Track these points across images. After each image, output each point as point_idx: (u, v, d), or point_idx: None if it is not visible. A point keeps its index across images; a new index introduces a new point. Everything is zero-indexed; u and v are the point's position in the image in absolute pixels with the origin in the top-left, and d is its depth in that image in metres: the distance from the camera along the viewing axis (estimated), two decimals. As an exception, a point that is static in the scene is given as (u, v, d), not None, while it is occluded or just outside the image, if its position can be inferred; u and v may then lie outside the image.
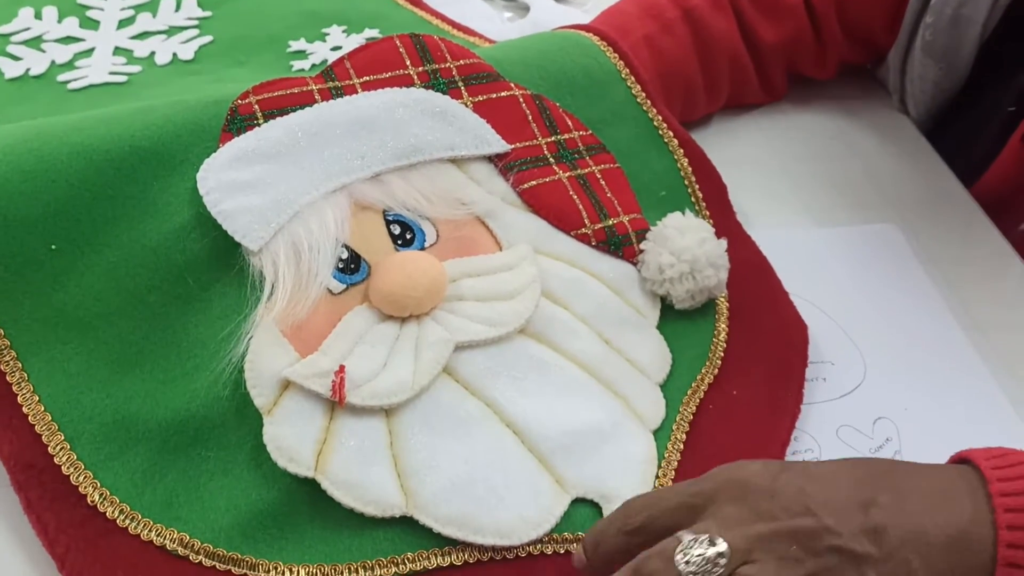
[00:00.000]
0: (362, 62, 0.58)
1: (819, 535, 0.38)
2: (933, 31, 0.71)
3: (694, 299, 0.58)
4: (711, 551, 0.37)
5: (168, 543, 0.44)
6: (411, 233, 0.54)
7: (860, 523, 0.38)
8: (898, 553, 0.38)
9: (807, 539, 0.38)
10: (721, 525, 0.39)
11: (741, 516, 0.39)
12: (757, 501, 0.39)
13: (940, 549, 0.38)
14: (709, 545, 0.38)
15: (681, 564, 0.37)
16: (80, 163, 0.50)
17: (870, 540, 0.38)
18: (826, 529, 0.38)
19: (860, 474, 0.41)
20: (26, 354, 0.48)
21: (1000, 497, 0.39)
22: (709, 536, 0.38)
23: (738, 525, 0.39)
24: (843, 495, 0.39)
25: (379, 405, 0.47)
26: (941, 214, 0.70)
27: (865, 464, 0.42)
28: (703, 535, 0.38)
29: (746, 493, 0.40)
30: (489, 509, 0.46)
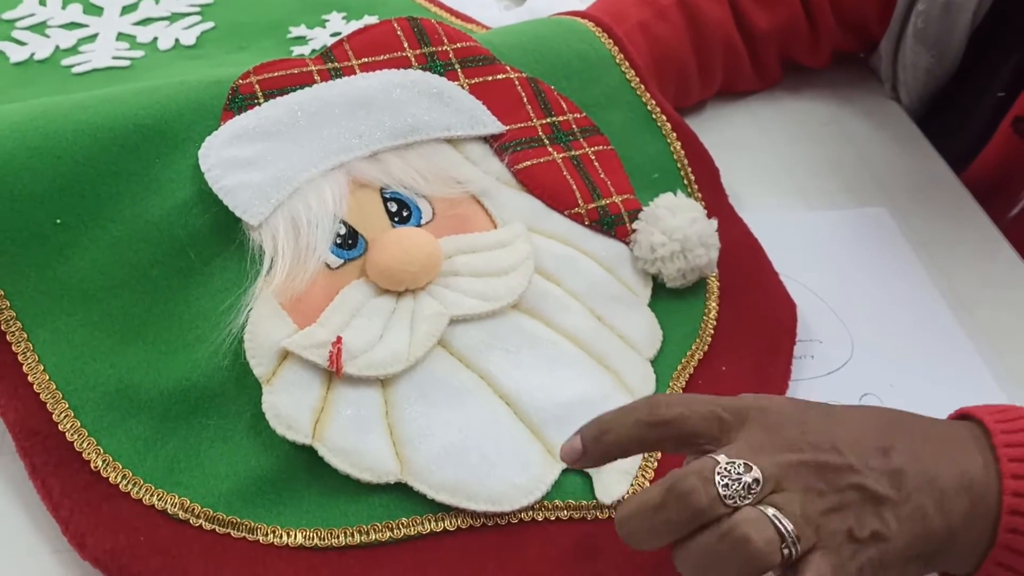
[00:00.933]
0: (360, 44, 0.59)
1: (843, 472, 0.39)
2: (925, 18, 0.72)
3: (685, 278, 0.59)
4: (747, 477, 0.38)
5: (169, 507, 0.46)
6: (408, 210, 0.55)
7: (881, 465, 0.39)
8: (914, 496, 0.39)
9: (832, 474, 0.39)
10: (754, 450, 0.39)
11: (772, 443, 0.39)
12: (787, 431, 0.40)
13: (951, 494, 0.39)
14: (745, 471, 0.38)
15: (720, 486, 0.37)
16: (85, 140, 0.52)
17: (890, 482, 0.39)
18: (850, 467, 0.39)
19: (880, 420, 0.42)
20: (32, 325, 0.49)
21: (1004, 448, 0.40)
22: (745, 461, 0.38)
23: (769, 452, 0.39)
24: (865, 436, 0.40)
25: (375, 375, 0.49)
26: (930, 199, 0.71)
27: (883, 412, 0.43)
28: (739, 460, 0.38)
29: (777, 422, 0.40)
30: (481, 476, 0.47)
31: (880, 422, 0.42)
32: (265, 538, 0.45)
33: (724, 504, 0.37)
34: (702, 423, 0.41)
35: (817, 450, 0.39)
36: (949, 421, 0.43)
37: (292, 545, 0.45)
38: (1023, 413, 0.42)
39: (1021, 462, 0.39)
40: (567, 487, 0.49)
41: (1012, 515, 0.39)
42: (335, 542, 0.46)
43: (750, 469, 0.38)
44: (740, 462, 0.38)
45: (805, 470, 0.39)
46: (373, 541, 0.46)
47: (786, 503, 0.38)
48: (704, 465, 0.38)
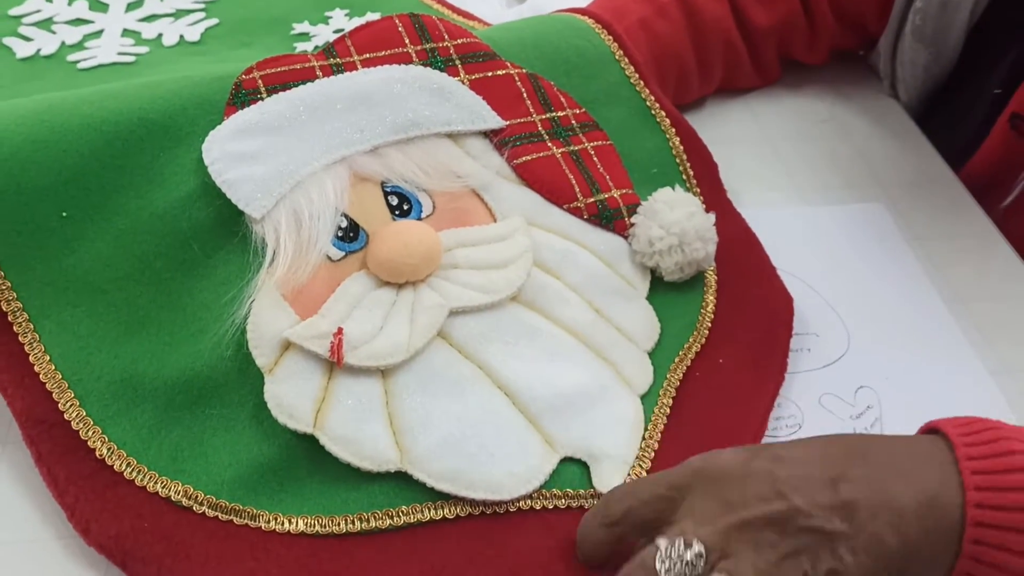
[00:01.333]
0: (362, 40, 0.60)
1: (791, 517, 0.39)
2: (923, 16, 0.73)
3: (683, 271, 0.59)
4: (689, 554, 0.39)
5: (173, 494, 0.46)
6: (408, 204, 0.56)
7: (829, 500, 0.40)
8: (869, 526, 0.39)
9: (780, 523, 0.39)
10: (696, 522, 0.40)
11: (714, 509, 0.40)
12: (729, 491, 0.41)
13: (911, 516, 0.40)
14: (686, 548, 0.39)
15: (662, 572, 0.39)
16: (90, 134, 0.52)
17: (840, 517, 0.39)
18: (797, 510, 0.39)
19: (831, 451, 0.42)
20: (38, 316, 0.50)
21: (967, 461, 0.40)
22: (684, 538, 0.40)
23: (711, 520, 0.40)
24: (813, 474, 0.41)
25: (375, 366, 0.49)
26: (927, 194, 0.72)
27: (835, 442, 0.44)
28: (678, 538, 0.40)
29: (718, 483, 0.41)
30: (480, 465, 0.48)
31: (830, 452, 0.42)
32: (267, 525, 0.46)
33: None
34: (649, 510, 0.43)
35: (761, 502, 0.40)
36: (912, 437, 0.44)
37: (293, 532, 0.46)
38: (988, 425, 0.42)
39: (983, 474, 0.40)
40: (565, 476, 0.49)
41: (976, 527, 0.39)
42: (336, 529, 0.46)
43: (691, 545, 0.39)
44: (680, 541, 0.40)
45: (751, 527, 0.40)
46: (373, 528, 0.47)
47: (736, 567, 0.39)
48: (646, 555, 0.40)
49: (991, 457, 0.40)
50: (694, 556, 0.39)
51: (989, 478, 0.40)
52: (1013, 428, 0.42)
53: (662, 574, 0.39)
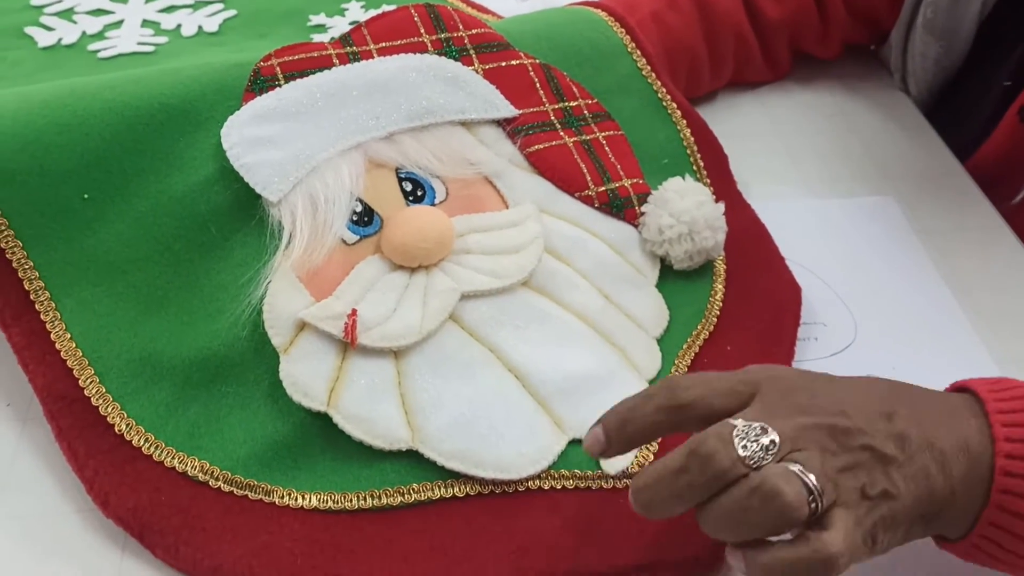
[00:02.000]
0: (378, 29, 0.61)
1: (853, 433, 0.40)
2: (934, 9, 0.73)
3: (692, 260, 0.60)
4: (765, 439, 0.39)
5: (189, 470, 0.47)
6: (422, 190, 0.57)
7: (886, 428, 0.41)
8: (918, 457, 0.40)
9: (843, 435, 0.40)
10: (769, 414, 0.40)
11: (785, 408, 0.41)
12: (798, 397, 0.41)
13: (951, 456, 0.41)
14: (762, 433, 0.39)
15: (739, 448, 0.39)
16: (112, 119, 0.54)
17: (896, 444, 0.40)
18: (859, 430, 0.40)
19: (881, 388, 0.43)
20: (60, 295, 0.51)
21: (997, 415, 0.42)
22: (761, 424, 0.40)
23: (783, 416, 0.40)
24: (870, 403, 0.42)
25: (388, 347, 0.50)
26: (936, 187, 0.72)
27: (883, 381, 0.44)
28: (755, 423, 0.40)
29: (789, 390, 0.42)
30: (490, 445, 0.49)
31: (881, 390, 0.43)
32: (281, 500, 0.47)
33: (745, 465, 0.39)
34: (722, 400, 0.42)
35: (826, 414, 0.41)
36: (945, 392, 0.45)
37: (307, 508, 0.47)
38: (1015, 383, 0.43)
39: (1013, 427, 0.41)
40: (573, 457, 0.50)
41: (1005, 476, 0.40)
42: (348, 505, 0.47)
43: (766, 431, 0.39)
44: (757, 425, 0.39)
45: (817, 432, 0.40)
46: (384, 505, 0.48)
47: (806, 460, 0.39)
48: (722, 429, 0.40)
49: (1020, 411, 0.41)
50: (769, 442, 0.39)
51: (1018, 430, 0.41)
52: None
53: (738, 448, 0.39)
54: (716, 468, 0.39)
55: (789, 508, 0.38)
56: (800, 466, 0.39)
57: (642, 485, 0.41)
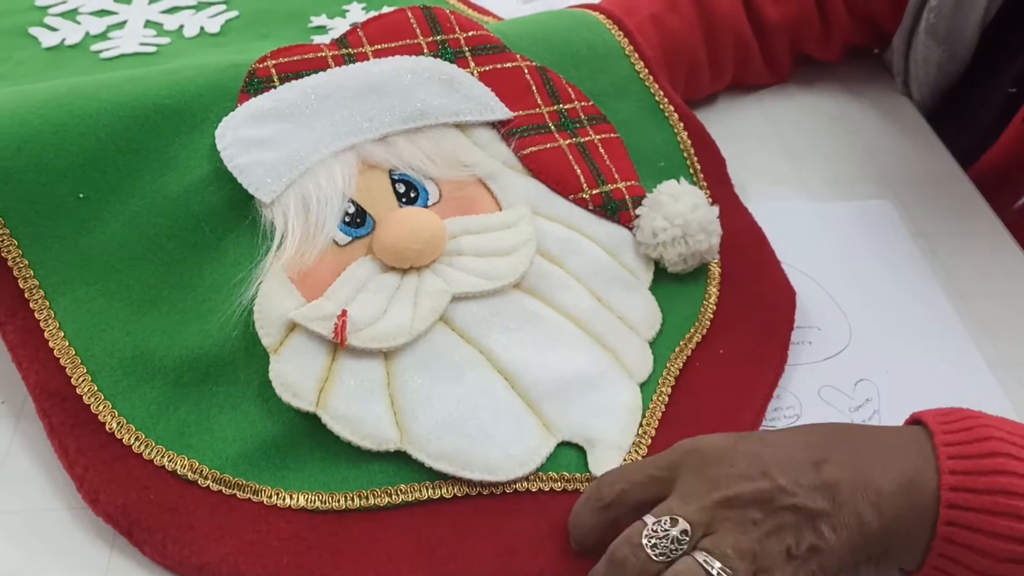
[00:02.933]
0: (374, 31, 0.61)
1: (775, 495, 0.41)
2: (937, 13, 0.73)
3: (686, 263, 0.60)
4: (674, 531, 0.40)
5: (179, 468, 0.48)
6: (415, 192, 0.57)
7: (812, 480, 0.41)
8: (850, 504, 0.41)
9: (764, 501, 0.41)
10: (683, 501, 0.41)
11: (701, 488, 0.42)
12: (716, 470, 0.42)
13: (889, 497, 0.41)
14: (671, 525, 0.41)
15: (648, 547, 0.40)
16: (108, 118, 0.54)
17: (823, 496, 0.41)
18: (781, 489, 0.41)
19: (814, 437, 0.44)
20: (54, 293, 0.51)
21: (944, 447, 0.42)
22: (670, 516, 0.41)
23: (698, 498, 0.41)
24: (797, 456, 0.42)
25: (378, 348, 0.50)
26: (936, 192, 0.72)
27: (820, 428, 0.45)
28: (664, 516, 0.41)
29: (706, 462, 0.43)
30: (478, 447, 0.49)
31: (813, 438, 0.43)
32: (269, 500, 0.47)
33: (656, 562, 0.40)
34: (642, 491, 0.44)
35: (747, 480, 0.41)
36: (894, 427, 0.45)
37: (294, 507, 0.47)
38: (968, 414, 0.43)
39: (958, 459, 0.41)
40: (562, 460, 0.50)
41: (950, 509, 0.40)
42: (336, 505, 0.47)
43: (676, 522, 0.41)
44: (666, 518, 0.41)
45: (736, 504, 0.41)
46: (372, 506, 0.48)
47: (716, 544, 0.40)
48: (633, 531, 0.41)
49: (968, 443, 0.41)
50: (679, 532, 0.40)
51: (964, 463, 0.41)
52: (995, 418, 0.43)
53: (647, 549, 0.40)
54: (629, 572, 0.40)
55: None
56: (706, 553, 0.39)
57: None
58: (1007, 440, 0.41)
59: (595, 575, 0.42)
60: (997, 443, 0.41)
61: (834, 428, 0.44)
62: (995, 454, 0.40)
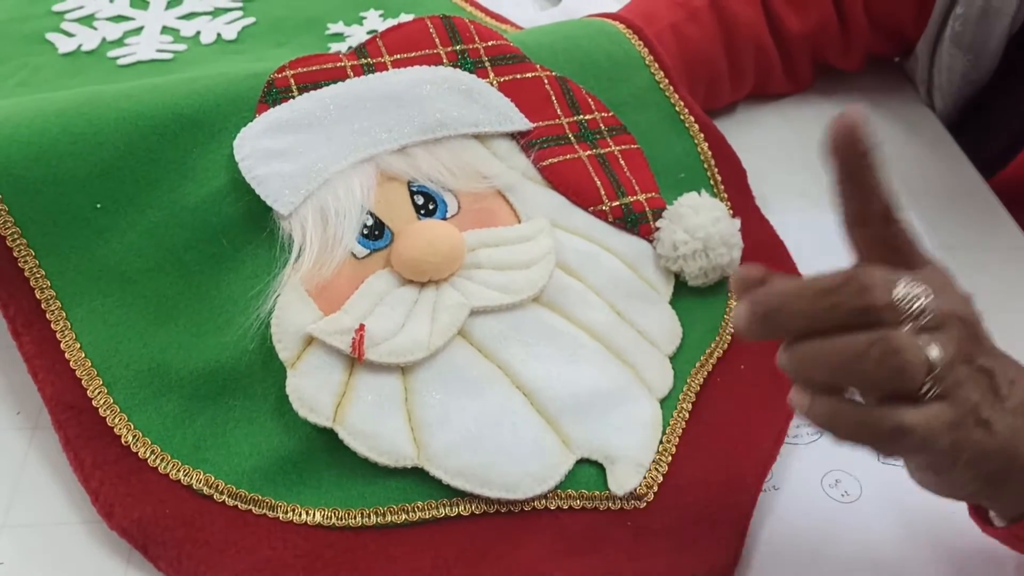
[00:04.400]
0: (393, 41, 0.60)
1: (988, 352, 0.39)
2: (963, 22, 0.72)
3: (707, 276, 0.59)
4: (923, 302, 0.37)
5: (195, 483, 0.47)
6: (434, 203, 0.56)
7: (1015, 373, 0.40)
8: (1019, 413, 0.39)
9: (980, 346, 0.39)
10: (935, 287, 0.38)
11: (949, 291, 0.39)
12: (959, 291, 0.41)
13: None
14: (924, 295, 0.37)
15: (897, 297, 0.37)
16: (126, 128, 0.54)
17: (1009, 388, 0.39)
18: (992, 352, 0.40)
19: None
20: (70, 304, 0.51)
21: None
22: (926, 287, 0.37)
23: (946, 296, 0.38)
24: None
25: (396, 363, 0.50)
26: (958, 204, 0.71)
27: None
28: (922, 283, 0.37)
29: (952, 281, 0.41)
30: (497, 464, 0.49)
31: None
32: (285, 515, 0.47)
33: (894, 313, 0.36)
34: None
35: (977, 320, 0.39)
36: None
37: (311, 523, 0.47)
38: None
39: None
40: (580, 477, 0.50)
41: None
42: (352, 522, 0.47)
43: (929, 296, 0.37)
44: (923, 286, 0.37)
45: (964, 328, 0.38)
46: (389, 523, 0.47)
47: (945, 343, 0.37)
48: (888, 274, 0.37)
49: None
50: (925, 306, 0.37)
51: None
52: None
53: (897, 296, 0.36)
54: (868, 301, 0.36)
55: (901, 374, 0.35)
56: (938, 347, 0.36)
57: (773, 292, 0.38)
58: None
59: (811, 285, 0.37)
60: None
61: None
62: None
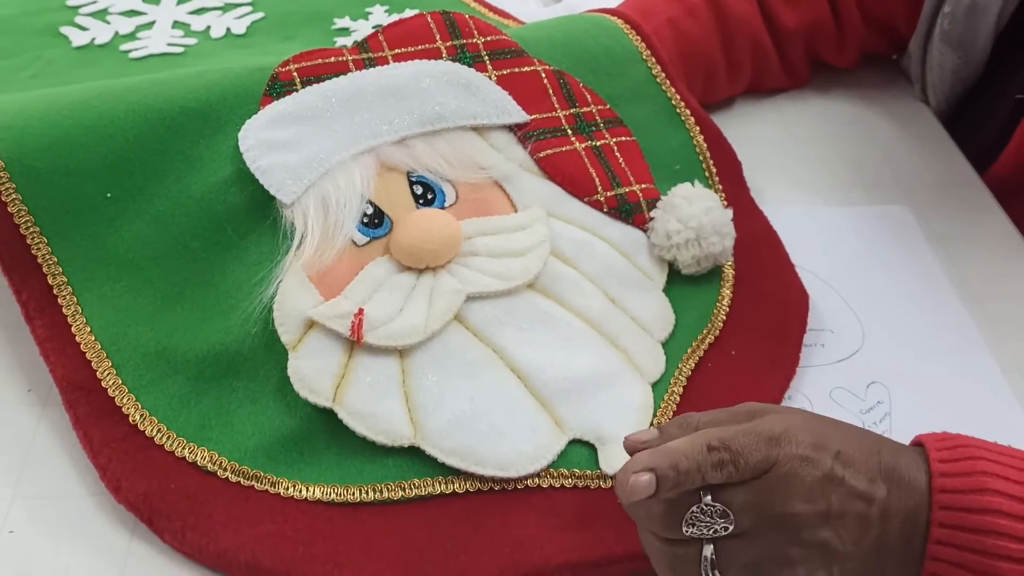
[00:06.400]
0: (395, 35, 0.62)
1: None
2: (951, 20, 0.73)
3: (700, 265, 0.61)
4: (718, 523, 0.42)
5: (199, 460, 0.49)
6: (432, 193, 0.58)
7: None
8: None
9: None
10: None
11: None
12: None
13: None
14: (720, 517, 0.41)
15: (685, 519, 0.41)
16: (135, 120, 0.56)
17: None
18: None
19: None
20: (81, 290, 0.53)
21: (939, 477, 0.42)
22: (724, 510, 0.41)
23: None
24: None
25: (393, 346, 0.52)
26: (951, 197, 0.72)
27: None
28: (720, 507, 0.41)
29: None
30: (490, 443, 0.50)
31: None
32: (286, 491, 0.49)
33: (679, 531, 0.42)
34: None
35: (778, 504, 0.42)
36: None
37: (310, 499, 0.49)
38: (963, 442, 0.43)
39: (950, 493, 0.41)
40: (572, 457, 0.51)
41: (937, 544, 0.41)
42: (350, 498, 0.49)
43: (726, 516, 0.41)
44: (720, 508, 0.41)
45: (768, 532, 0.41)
46: (385, 499, 0.49)
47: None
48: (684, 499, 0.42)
49: (960, 475, 0.41)
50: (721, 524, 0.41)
51: (954, 497, 0.41)
52: (991, 448, 0.43)
53: (684, 522, 0.41)
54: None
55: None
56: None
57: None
58: (999, 475, 0.41)
59: (621, 485, 0.42)
60: (989, 478, 0.41)
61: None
62: (985, 490, 0.41)
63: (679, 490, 0.41)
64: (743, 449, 0.41)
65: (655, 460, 0.41)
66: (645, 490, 0.41)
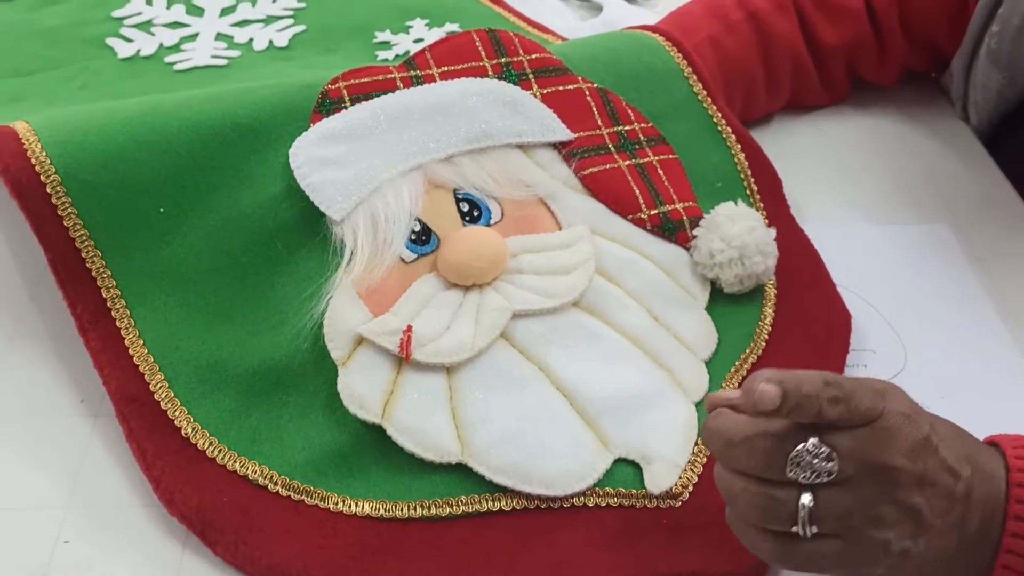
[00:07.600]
0: (441, 53, 0.63)
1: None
2: (999, 39, 0.73)
3: (742, 284, 0.61)
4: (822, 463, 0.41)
5: (250, 473, 0.50)
6: (478, 211, 0.59)
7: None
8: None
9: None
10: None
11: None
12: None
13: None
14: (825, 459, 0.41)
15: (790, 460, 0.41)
16: (188, 136, 0.57)
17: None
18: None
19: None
20: (134, 303, 0.54)
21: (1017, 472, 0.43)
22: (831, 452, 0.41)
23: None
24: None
25: (441, 363, 0.52)
26: (993, 217, 0.72)
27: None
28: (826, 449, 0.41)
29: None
30: (537, 461, 0.51)
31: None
32: (335, 506, 0.49)
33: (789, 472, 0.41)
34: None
35: (898, 467, 0.41)
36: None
37: (359, 514, 0.49)
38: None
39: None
40: (618, 475, 0.52)
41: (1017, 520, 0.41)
42: (399, 514, 0.49)
43: (830, 460, 0.41)
44: (827, 449, 0.41)
45: (874, 480, 0.41)
46: (433, 516, 0.49)
47: (832, 496, 0.41)
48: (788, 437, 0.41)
49: None
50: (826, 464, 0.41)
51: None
52: None
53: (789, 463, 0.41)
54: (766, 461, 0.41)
55: (769, 513, 0.42)
56: (811, 496, 0.41)
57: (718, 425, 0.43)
58: None
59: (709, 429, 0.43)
60: None
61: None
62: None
63: (798, 414, 0.41)
64: (854, 393, 0.41)
65: (782, 376, 0.41)
66: (771, 401, 0.41)
